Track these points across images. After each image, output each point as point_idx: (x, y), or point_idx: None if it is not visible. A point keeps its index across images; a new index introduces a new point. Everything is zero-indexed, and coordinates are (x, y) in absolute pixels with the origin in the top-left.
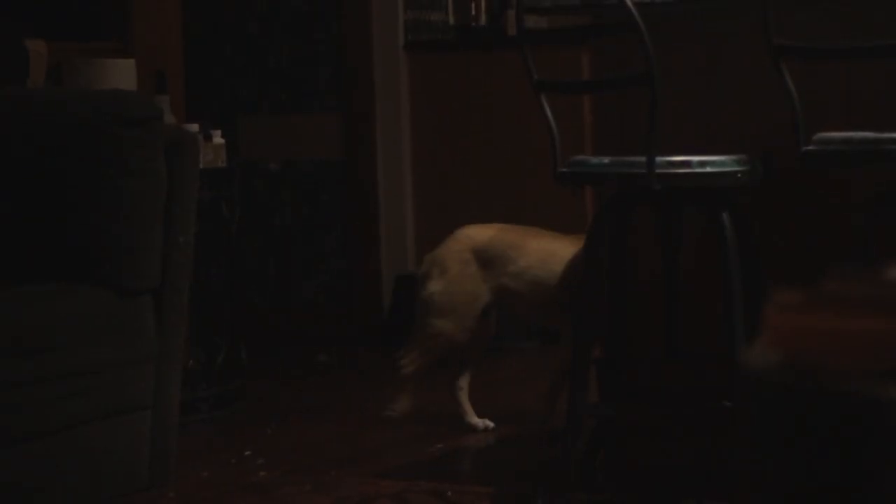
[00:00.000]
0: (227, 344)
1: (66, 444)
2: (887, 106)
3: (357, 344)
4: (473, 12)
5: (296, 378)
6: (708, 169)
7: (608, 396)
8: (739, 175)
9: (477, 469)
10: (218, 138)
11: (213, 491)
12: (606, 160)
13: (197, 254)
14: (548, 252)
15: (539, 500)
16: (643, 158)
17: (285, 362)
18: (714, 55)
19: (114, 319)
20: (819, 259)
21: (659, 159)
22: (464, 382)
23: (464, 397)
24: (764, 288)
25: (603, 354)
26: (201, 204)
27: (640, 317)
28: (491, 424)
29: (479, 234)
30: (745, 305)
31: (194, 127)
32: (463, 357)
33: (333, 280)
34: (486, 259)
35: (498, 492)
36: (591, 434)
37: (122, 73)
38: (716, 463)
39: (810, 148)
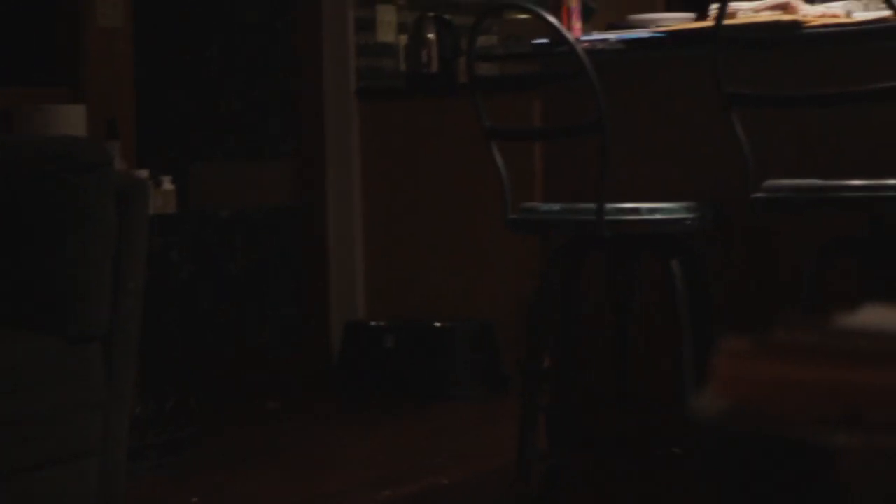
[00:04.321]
0: (176, 391)
1: (13, 489)
2: (837, 153)
3: (307, 391)
4: (425, 59)
5: (245, 425)
6: (658, 216)
7: (556, 444)
8: (689, 222)
9: None
10: (168, 184)
11: None
12: (556, 207)
13: (147, 300)
14: None
15: None
16: (593, 205)
17: (235, 409)
18: (664, 103)
19: (62, 366)
20: (769, 306)
21: (609, 206)
22: None
23: None
24: (714, 334)
25: (552, 401)
26: (151, 250)
27: (591, 362)
28: None
29: None
30: (695, 352)
31: (144, 173)
32: None
33: (283, 327)
34: None
35: None
36: (539, 482)
37: (72, 119)
38: None
39: (759, 195)
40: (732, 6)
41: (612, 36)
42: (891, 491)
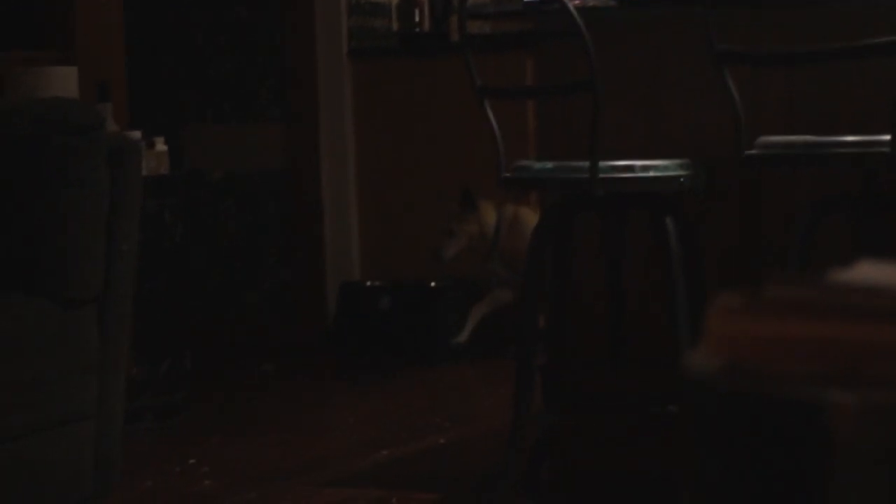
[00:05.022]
0: (170, 353)
1: (8, 454)
2: (829, 110)
3: (302, 353)
4: (417, 18)
5: (240, 387)
6: (651, 174)
7: (552, 404)
8: (682, 180)
9: (422, 476)
10: (161, 145)
11: (156, 500)
12: (550, 165)
13: (140, 262)
14: None
15: None
16: (586, 163)
17: (230, 371)
18: (657, 60)
19: (56, 329)
20: (762, 264)
21: (602, 164)
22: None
23: None
24: (707, 293)
25: (547, 361)
26: (144, 212)
27: (584, 322)
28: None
29: None
30: (688, 310)
31: (137, 134)
32: None
33: (278, 289)
34: None
35: (443, 499)
36: (536, 442)
37: (64, 82)
38: (661, 469)
39: (752, 152)
40: None
41: None
42: (886, 447)
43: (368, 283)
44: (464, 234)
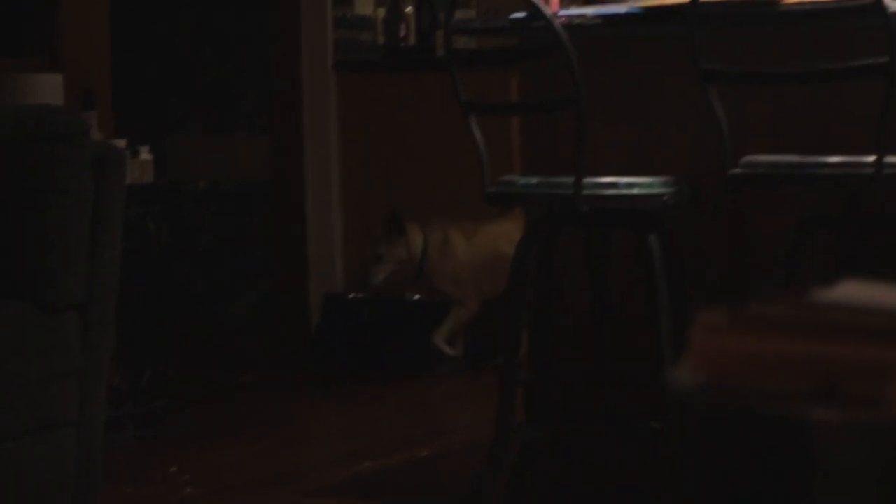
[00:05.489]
0: (153, 362)
1: None
2: (814, 130)
3: (284, 363)
4: (403, 33)
5: (223, 397)
6: (635, 191)
7: (535, 417)
8: (666, 197)
9: (404, 488)
10: (145, 154)
11: None
12: (534, 181)
13: (123, 270)
14: None
15: None
16: (571, 179)
17: (212, 381)
18: (642, 78)
19: (38, 335)
20: (745, 282)
21: (586, 180)
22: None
23: None
24: (691, 310)
25: (530, 375)
26: (128, 220)
27: (568, 337)
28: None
29: None
30: (672, 327)
31: (121, 143)
32: None
33: (261, 299)
34: None
35: None
36: (518, 455)
37: (49, 89)
38: (644, 484)
39: (737, 171)
40: None
41: (589, 11)
42: (866, 463)
43: (351, 296)
44: (392, 258)
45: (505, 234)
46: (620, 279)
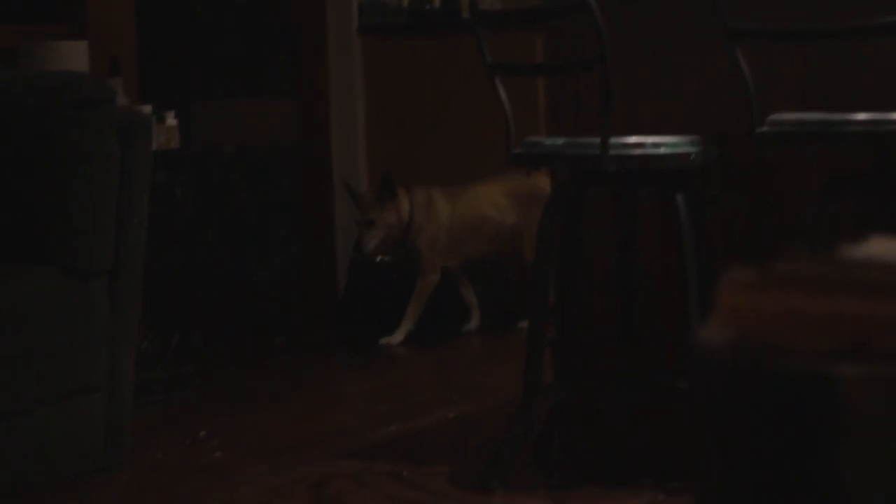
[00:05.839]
0: (181, 327)
1: (20, 426)
2: (841, 88)
3: (312, 327)
4: None
5: (251, 360)
6: (662, 150)
7: (562, 378)
8: (693, 156)
9: (433, 449)
10: (171, 120)
11: (167, 472)
12: (560, 141)
13: (150, 236)
14: None
15: (494, 482)
16: (597, 140)
17: (241, 345)
18: (669, 37)
19: (67, 301)
20: (772, 241)
21: (613, 140)
22: None
23: None
24: (718, 268)
25: (557, 336)
26: (154, 186)
27: (595, 297)
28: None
29: None
30: (699, 285)
31: (147, 109)
32: None
33: (288, 263)
34: None
35: (454, 472)
36: (546, 415)
37: (75, 56)
38: (672, 444)
39: (764, 129)
40: None
41: None
42: (894, 420)
43: (378, 258)
44: (383, 223)
45: (488, 196)
46: (647, 239)
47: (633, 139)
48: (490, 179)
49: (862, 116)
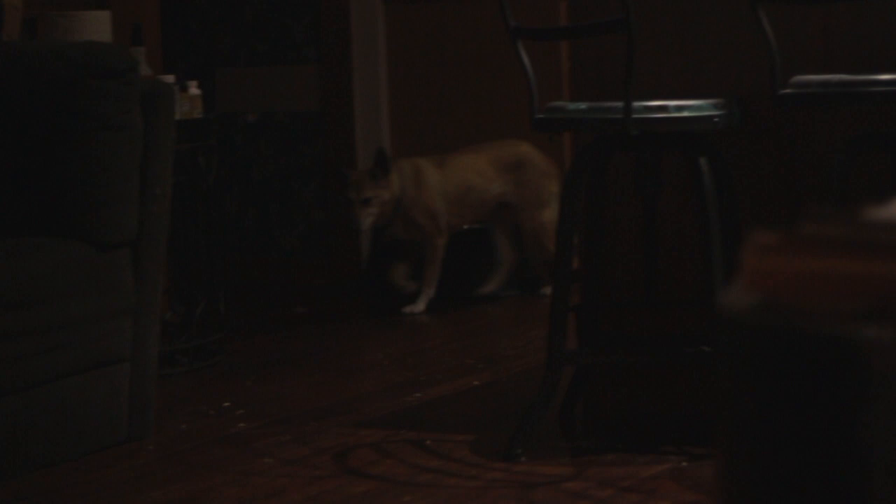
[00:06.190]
0: (205, 296)
1: (45, 397)
2: (865, 49)
3: (336, 295)
4: None
5: (275, 330)
6: (685, 113)
7: (586, 344)
8: (716, 119)
9: (456, 417)
10: (194, 89)
11: (192, 442)
12: (583, 106)
13: (174, 206)
14: None
15: (518, 449)
16: (620, 104)
17: (264, 314)
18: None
19: (91, 272)
20: (796, 203)
21: (636, 104)
22: None
23: None
24: (742, 231)
25: (581, 301)
26: (178, 156)
27: (619, 263)
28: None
29: None
30: (723, 249)
31: (170, 78)
32: None
33: (311, 231)
34: None
35: (477, 440)
36: (569, 382)
37: (97, 26)
38: (696, 409)
39: (787, 91)
40: None
41: None
42: None
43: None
44: (379, 201)
45: (472, 165)
46: (671, 202)
47: (656, 103)
48: (474, 147)
49: (885, 77)
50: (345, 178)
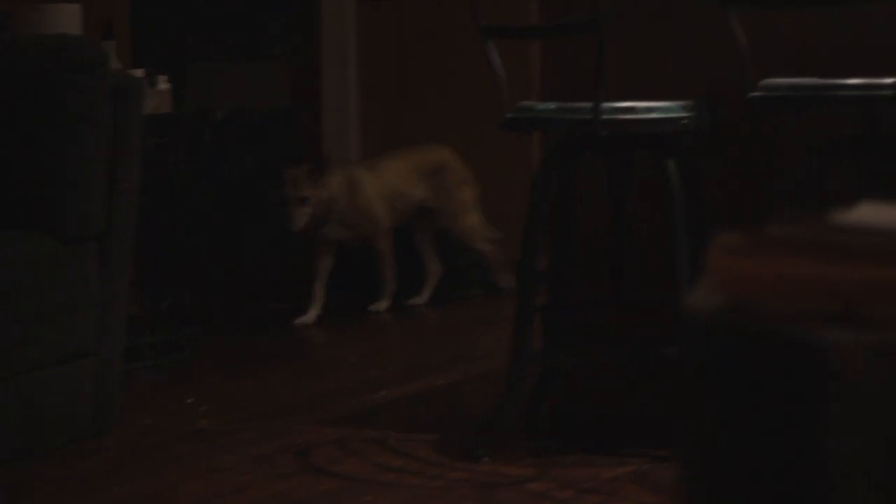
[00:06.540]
0: (171, 292)
1: (9, 391)
2: (835, 52)
3: (304, 293)
4: None
5: (242, 327)
6: (654, 115)
7: (552, 344)
8: (685, 121)
9: (420, 417)
10: (163, 84)
11: (156, 438)
12: (553, 106)
13: (142, 201)
14: None
15: (481, 449)
16: (590, 104)
17: (232, 310)
18: (663, 1)
19: (57, 266)
20: (765, 206)
21: (605, 105)
22: None
23: None
24: (709, 233)
25: (547, 301)
26: (146, 150)
27: (586, 263)
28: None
29: None
30: (690, 251)
31: (140, 73)
32: None
33: (281, 229)
34: None
35: (440, 439)
36: (535, 383)
37: (68, 19)
38: (660, 411)
39: (756, 94)
40: None
41: None
42: (884, 385)
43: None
44: (315, 201)
45: (398, 170)
46: (639, 204)
47: (625, 104)
48: (398, 153)
49: (854, 81)
50: (282, 175)
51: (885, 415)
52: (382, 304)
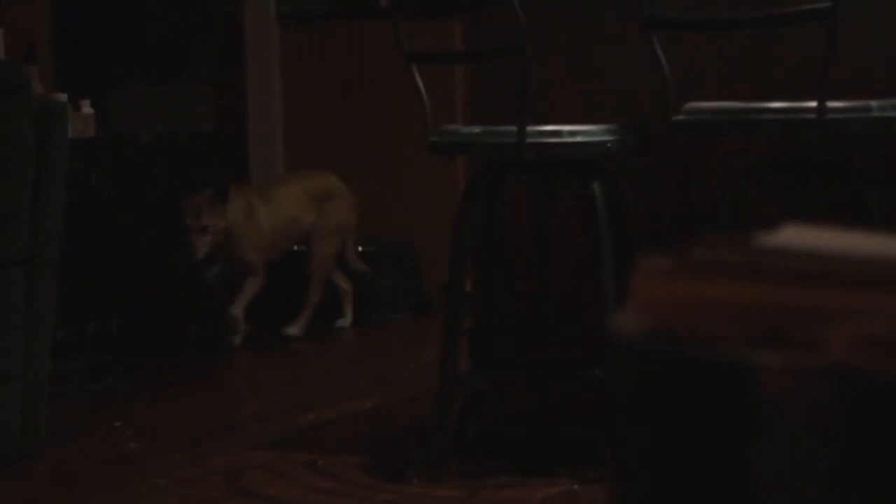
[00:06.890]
0: (97, 316)
1: None
2: (757, 76)
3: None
4: None
5: (168, 351)
6: (578, 139)
7: (479, 366)
8: (610, 144)
9: (348, 439)
10: (87, 108)
11: (84, 462)
12: (477, 129)
13: (67, 225)
14: None
15: (410, 471)
16: (514, 128)
17: (157, 336)
18: (588, 26)
19: None
20: (689, 229)
21: (530, 129)
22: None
23: None
24: (635, 257)
25: (474, 324)
26: (71, 174)
27: (512, 286)
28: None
29: None
30: (616, 274)
31: (63, 97)
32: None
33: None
34: None
35: (369, 462)
36: (463, 404)
37: None
38: (589, 433)
39: (680, 118)
40: None
41: None
42: (810, 407)
43: (296, 248)
44: (216, 230)
45: (292, 196)
46: (565, 227)
47: (550, 128)
48: (289, 177)
49: (776, 105)
50: (181, 203)
51: (813, 436)
52: (296, 329)
